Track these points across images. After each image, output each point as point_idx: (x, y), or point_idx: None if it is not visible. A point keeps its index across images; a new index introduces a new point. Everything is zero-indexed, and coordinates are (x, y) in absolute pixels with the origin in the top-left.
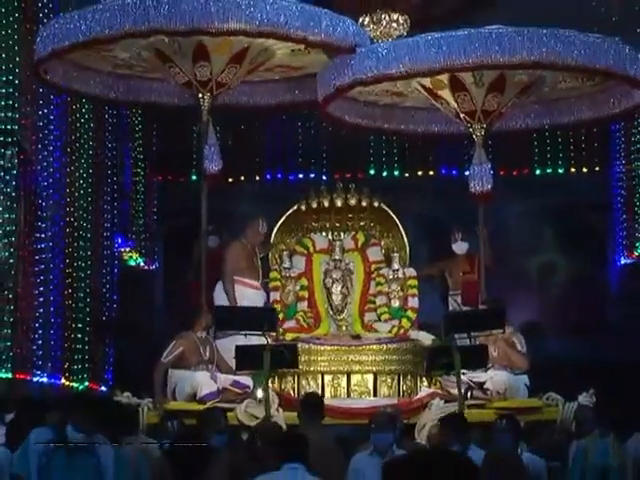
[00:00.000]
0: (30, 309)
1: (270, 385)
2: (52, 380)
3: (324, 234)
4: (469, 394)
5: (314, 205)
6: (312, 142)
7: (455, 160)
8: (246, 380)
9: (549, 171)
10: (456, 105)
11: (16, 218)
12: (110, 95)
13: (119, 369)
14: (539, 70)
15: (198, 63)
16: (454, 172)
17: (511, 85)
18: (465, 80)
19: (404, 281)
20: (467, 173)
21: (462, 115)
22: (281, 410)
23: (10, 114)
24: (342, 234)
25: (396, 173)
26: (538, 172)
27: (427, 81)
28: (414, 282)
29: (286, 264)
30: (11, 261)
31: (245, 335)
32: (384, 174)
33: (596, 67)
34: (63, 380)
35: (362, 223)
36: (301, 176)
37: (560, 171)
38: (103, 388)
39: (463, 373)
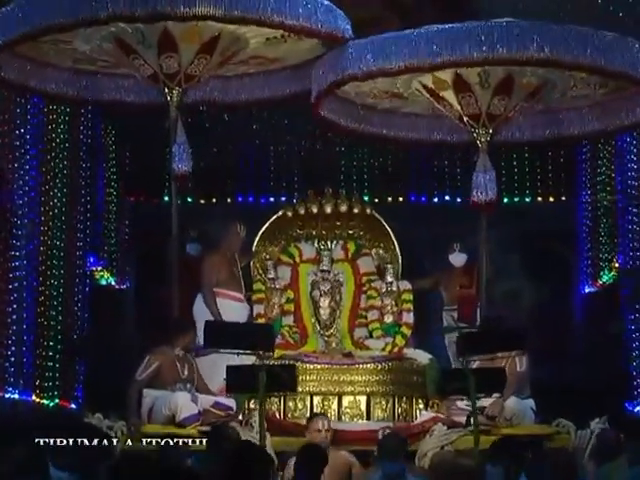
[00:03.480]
0: (3, 326)
1: (253, 406)
2: (24, 397)
3: (310, 243)
4: (471, 420)
5: (301, 211)
6: (283, 165)
7: (424, 187)
8: (228, 401)
9: (516, 200)
10: (460, 108)
11: None
12: (70, 93)
13: (89, 387)
14: (549, 69)
15: (164, 54)
16: (423, 199)
17: (519, 88)
18: (470, 80)
19: (398, 295)
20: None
21: (466, 119)
22: (268, 435)
23: None
24: (330, 243)
25: (366, 198)
26: (505, 200)
27: (429, 81)
28: (409, 296)
29: (271, 274)
30: None
31: (237, 354)
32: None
33: (612, 68)
34: (34, 397)
35: (351, 232)
36: (272, 199)
37: (527, 200)
38: (73, 406)
39: (478, 398)
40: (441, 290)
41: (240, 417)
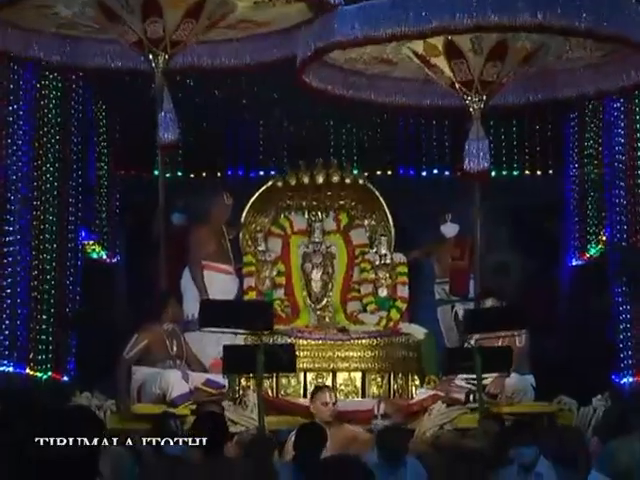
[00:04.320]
0: None
1: (246, 384)
2: (17, 370)
3: (300, 214)
4: (471, 397)
5: (292, 182)
6: (273, 140)
7: (412, 160)
8: (221, 379)
9: (504, 173)
10: (452, 74)
11: None
12: (53, 58)
13: (81, 360)
14: (543, 34)
15: (149, 19)
16: (411, 172)
17: (512, 53)
18: (462, 46)
19: (392, 268)
20: (466, 148)
21: (458, 86)
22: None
23: None
24: (321, 214)
25: (355, 172)
26: (493, 174)
27: (420, 47)
28: (404, 269)
29: (261, 247)
30: None
31: (235, 334)
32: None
33: (607, 32)
34: (28, 370)
35: (342, 202)
36: (262, 173)
37: (515, 173)
38: (65, 378)
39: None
40: (433, 262)
41: (251, 400)
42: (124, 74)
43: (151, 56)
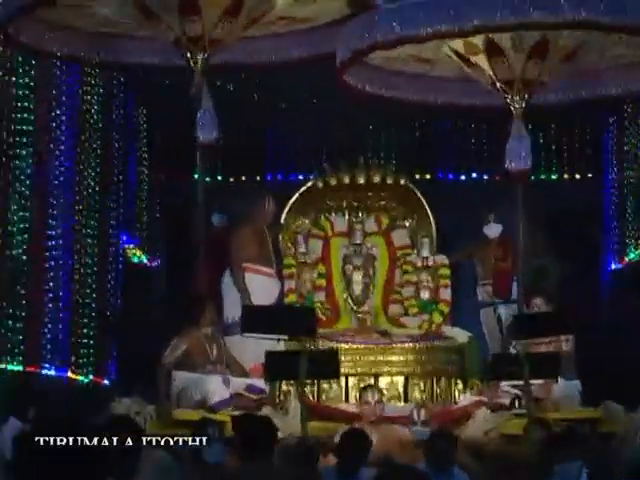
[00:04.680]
0: (40, 305)
1: (287, 389)
2: (60, 373)
3: (340, 215)
4: (516, 403)
5: (332, 182)
6: (312, 144)
7: (451, 164)
8: (261, 384)
9: (543, 177)
10: (492, 73)
11: (30, 217)
12: (91, 56)
13: (122, 364)
14: (585, 32)
15: (187, 17)
16: (450, 176)
17: (554, 50)
18: (503, 44)
19: (435, 270)
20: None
21: (498, 84)
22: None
23: (26, 115)
24: (361, 215)
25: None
26: (532, 178)
27: (460, 46)
28: (446, 271)
29: (302, 249)
30: (24, 258)
31: (278, 340)
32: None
33: None
34: (69, 373)
35: (383, 203)
36: (301, 177)
37: (554, 177)
38: (106, 382)
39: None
40: (475, 264)
41: (292, 405)
42: (164, 77)
43: (190, 54)
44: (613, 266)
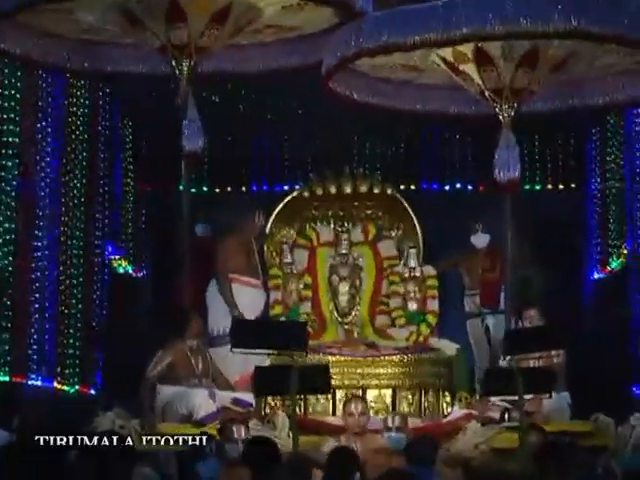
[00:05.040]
0: (26, 315)
1: (274, 403)
2: (46, 383)
3: (325, 224)
4: (506, 416)
5: (319, 192)
6: (297, 154)
7: (435, 175)
8: (248, 397)
9: (526, 187)
10: (481, 82)
11: (15, 228)
12: (74, 64)
13: (108, 374)
14: (575, 41)
15: (173, 24)
16: (434, 186)
17: (544, 59)
18: (492, 53)
19: (422, 281)
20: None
21: (487, 93)
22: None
23: (11, 127)
24: (347, 224)
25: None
26: None
27: (448, 54)
28: (434, 282)
29: (287, 259)
30: (10, 269)
31: (278, 354)
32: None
33: None
34: (56, 384)
35: (369, 212)
36: (286, 188)
37: (537, 187)
38: (92, 392)
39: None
40: (462, 274)
41: (280, 420)
42: (149, 87)
43: (175, 62)
44: (596, 275)
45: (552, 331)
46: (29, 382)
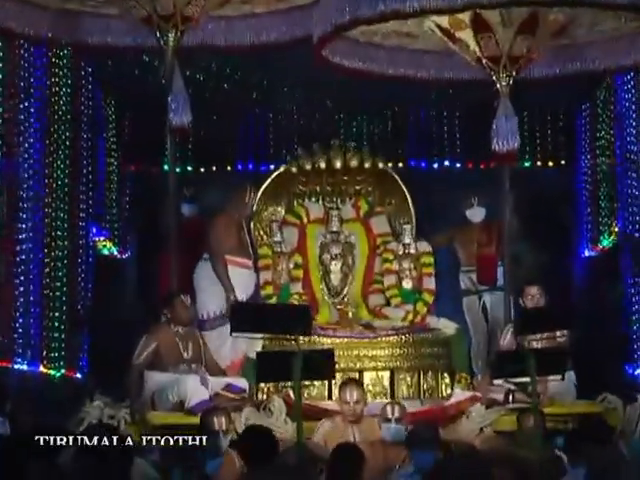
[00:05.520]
0: (11, 299)
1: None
2: (31, 368)
3: (313, 200)
4: (510, 397)
5: (307, 167)
6: (283, 133)
7: (423, 152)
8: (241, 382)
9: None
10: (478, 49)
11: None
12: (54, 35)
13: (94, 358)
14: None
15: None
16: (423, 164)
17: (544, 25)
18: (490, 19)
19: (417, 258)
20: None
21: (485, 61)
22: (289, 421)
23: None
24: (337, 200)
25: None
26: None
27: (444, 20)
28: (429, 259)
29: (277, 237)
30: None
31: (270, 338)
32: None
33: None
34: (41, 368)
35: (358, 187)
36: (272, 167)
37: (526, 164)
38: (79, 375)
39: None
40: (457, 249)
41: (276, 404)
42: (133, 64)
43: (160, 33)
44: (587, 253)
45: (561, 310)
46: (15, 366)
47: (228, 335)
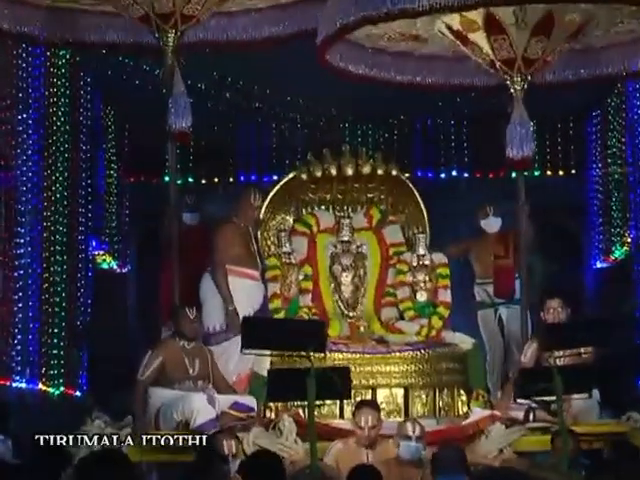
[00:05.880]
0: (9, 315)
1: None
2: (30, 385)
3: (323, 208)
4: (531, 416)
5: (318, 173)
6: (286, 143)
7: (431, 163)
8: (249, 400)
9: (525, 174)
10: (491, 52)
11: None
12: (47, 34)
13: (93, 375)
14: (593, 4)
15: None
16: (429, 175)
17: (560, 26)
18: (504, 20)
19: (432, 269)
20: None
21: (498, 64)
22: (300, 441)
23: None
24: (347, 209)
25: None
26: (514, 175)
27: (456, 22)
28: (445, 270)
29: (286, 248)
30: None
31: (281, 355)
32: None
33: None
34: (40, 385)
35: (370, 195)
36: (275, 178)
37: (536, 174)
38: (78, 393)
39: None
40: (472, 261)
41: (286, 424)
42: (133, 72)
43: (159, 33)
44: (598, 264)
45: (595, 325)
46: (13, 384)
47: (234, 349)
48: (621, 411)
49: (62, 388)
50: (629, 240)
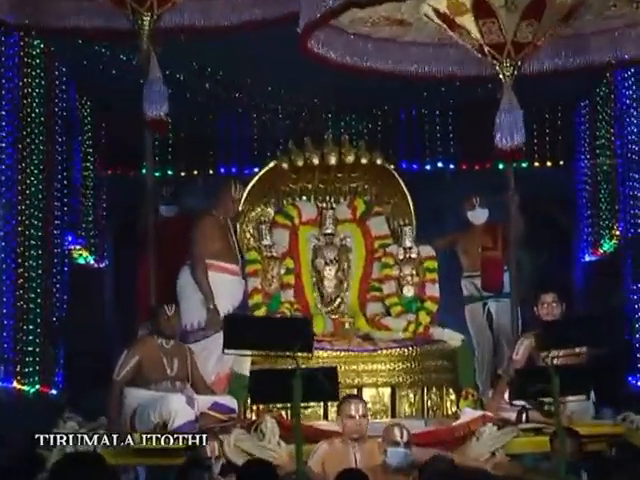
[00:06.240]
0: None
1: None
2: (4, 384)
3: (305, 199)
4: (523, 417)
5: (299, 162)
6: (267, 135)
7: (415, 154)
8: (229, 401)
9: (512, 165)
10: (480, 36)
11: None
12: (18, 19)
13: (69, 373)
14: None
15: None
16: (414, 166)
17: (551, 9)
18: (493, 3)
19: (419, 263)
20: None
21: (487, 49)
22: (283, 443)
23: None
24: (330, 199)
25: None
26: (501, 166)
27: (443, 4)
28: (433, 264)
29: (266, 240)
30: None
31: (266, 355)
32: None
33: None
34: (15, 384)
35: (354, 185)
36: (256, 170)
37: (524, 165)
38: (53, 391)
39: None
40: (459, 254)
41: (268, 425)
42: (108, 64)
43: (134, 17)
44: (587, 257)
45: (594, 324)
46: None
47: (213, 348)
48: (616, 410)
49: (37, 386)
50: (618, 233)
